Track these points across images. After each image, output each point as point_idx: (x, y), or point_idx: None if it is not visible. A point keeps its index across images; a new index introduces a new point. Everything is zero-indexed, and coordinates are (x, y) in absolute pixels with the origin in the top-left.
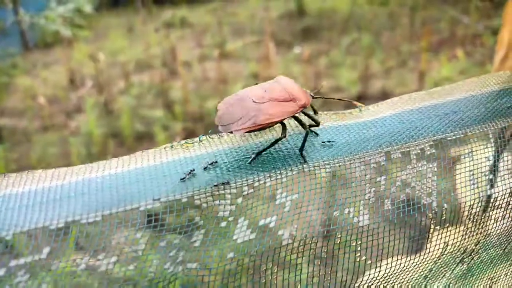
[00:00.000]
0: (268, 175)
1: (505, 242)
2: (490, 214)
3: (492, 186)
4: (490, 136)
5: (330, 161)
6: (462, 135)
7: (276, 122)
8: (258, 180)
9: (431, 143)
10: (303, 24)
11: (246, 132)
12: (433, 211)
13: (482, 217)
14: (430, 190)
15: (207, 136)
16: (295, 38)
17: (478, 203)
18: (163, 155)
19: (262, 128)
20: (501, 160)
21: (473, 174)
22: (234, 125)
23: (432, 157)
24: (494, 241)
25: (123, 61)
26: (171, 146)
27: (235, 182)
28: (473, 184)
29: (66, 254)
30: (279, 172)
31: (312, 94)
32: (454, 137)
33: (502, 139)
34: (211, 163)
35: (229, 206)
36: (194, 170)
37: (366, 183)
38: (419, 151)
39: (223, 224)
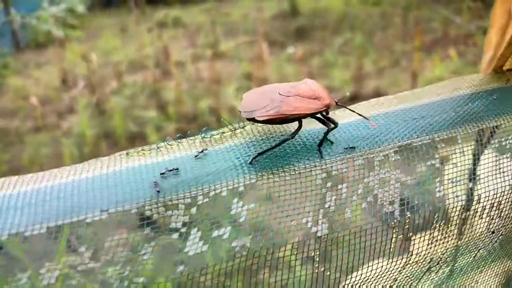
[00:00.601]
0: (231, 182)
1: (485, 246)
2: (469, 219)
3: (471, 192)
4: (460, 141)
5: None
6: (428, 141)
7: (299, 116)
8: (214, 189)
9: (396, 149)
10: (297, 24)
11: (266, 122)
12: (405, 217)
13: (460, 222)
14: (394, 198)
15: (166, 143)
16: (288, 38)
17: (456, 207)
18: (118, 163)
19: (283, 119)
20: (480, 165)
21: (450, 179)
22: (258, 111)
23: (396, 163)
24: (472, 246)
25: (116, 61)
26: (127, 154)
27: (189, 191)
28: (452, 187)
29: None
30: (241, 178)
31: (336, 100)
32: (420, 143)
33: (480, 142)
34: (171, 170)
35: (182, 217)
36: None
37: (327, 190)
38: (382, 158)
39: (175, 235)
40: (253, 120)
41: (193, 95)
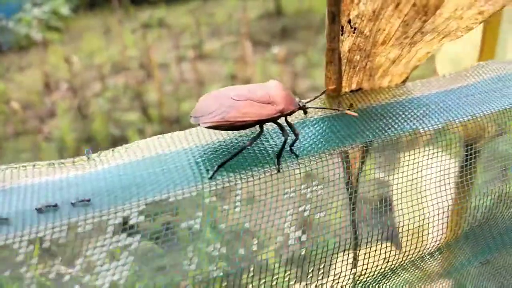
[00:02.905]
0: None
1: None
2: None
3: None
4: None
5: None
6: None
7: (249, 123)
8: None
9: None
10: (281, 24)
11: (213, 128)
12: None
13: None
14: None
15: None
16: (273, 38)
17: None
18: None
19: (230, 126)
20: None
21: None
22: (204, 117)
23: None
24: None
25: (99, 63)
26: (34, 165)
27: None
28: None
29: None
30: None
31: (301, 103)
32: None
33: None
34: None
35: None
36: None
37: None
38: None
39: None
40: (199, 126)
41: (177, 97)
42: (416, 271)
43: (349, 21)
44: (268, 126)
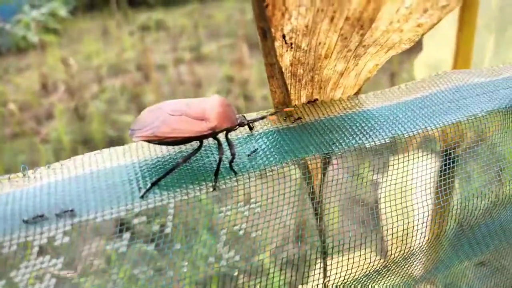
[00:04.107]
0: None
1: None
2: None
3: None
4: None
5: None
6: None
7: (178, 139)
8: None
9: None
10: None
11: (147, 141)
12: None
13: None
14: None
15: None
16: None
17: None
18: None
19: (163, 140)
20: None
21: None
22: (138, 131)
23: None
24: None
25: (97, 65)
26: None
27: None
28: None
29: None
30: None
31: (242, 119)
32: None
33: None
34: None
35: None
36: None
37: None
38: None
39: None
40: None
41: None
42: (402, 273)
43: (283, 36)
44: (211, 141)
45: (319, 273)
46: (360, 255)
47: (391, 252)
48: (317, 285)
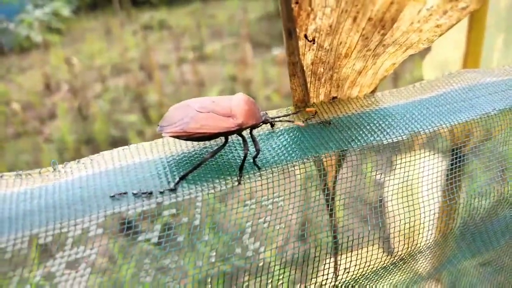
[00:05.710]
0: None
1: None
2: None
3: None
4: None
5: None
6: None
7: (206, 135)
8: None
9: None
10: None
11: (176, 137)
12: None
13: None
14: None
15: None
16: (273, 40)
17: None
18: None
19: (191, 136)
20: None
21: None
22: (167, 127)
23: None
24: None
25: (100, 65)
26: (1, 176)
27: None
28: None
29: None
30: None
31: (266, 117)
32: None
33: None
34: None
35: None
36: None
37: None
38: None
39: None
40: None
41: (177, 98)
42: (408, 270)
43: (305, 36)
44: (234, 138)
45: (329, 268)
46: (367, 251)
47: (398, 249)
48: (327, 279)
